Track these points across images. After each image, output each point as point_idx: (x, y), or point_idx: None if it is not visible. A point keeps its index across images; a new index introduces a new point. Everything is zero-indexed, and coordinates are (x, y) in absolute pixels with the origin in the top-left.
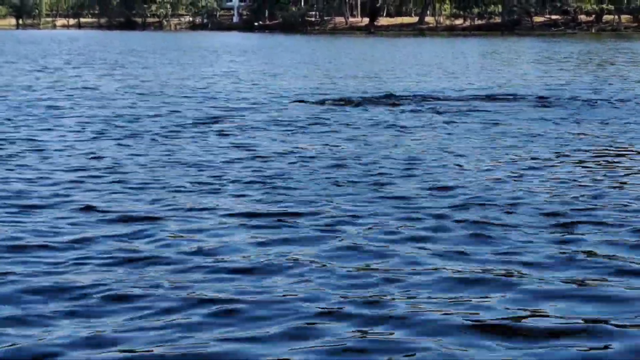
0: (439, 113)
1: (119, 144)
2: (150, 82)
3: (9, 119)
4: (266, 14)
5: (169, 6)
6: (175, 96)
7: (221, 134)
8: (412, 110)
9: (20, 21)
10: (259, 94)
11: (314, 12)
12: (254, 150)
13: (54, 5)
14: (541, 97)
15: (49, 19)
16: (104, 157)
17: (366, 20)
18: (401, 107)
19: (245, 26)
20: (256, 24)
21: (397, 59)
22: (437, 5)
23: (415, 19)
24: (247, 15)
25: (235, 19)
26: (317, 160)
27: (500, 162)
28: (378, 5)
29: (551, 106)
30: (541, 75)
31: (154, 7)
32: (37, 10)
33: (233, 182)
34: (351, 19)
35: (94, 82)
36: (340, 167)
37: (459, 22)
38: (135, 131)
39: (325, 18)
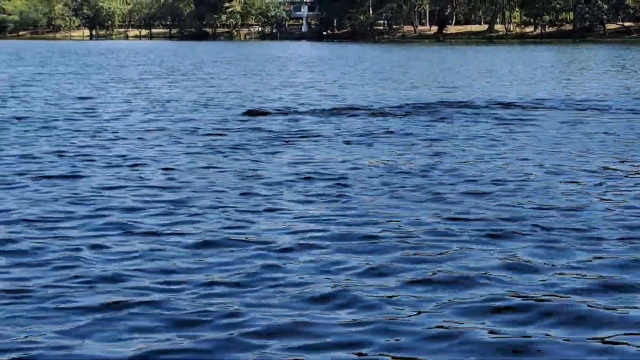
0: (521, 121)
1: (213, 155)
2: (233, 93)
3: (99, 132)
4: (335, 23)
5: (239, 16)
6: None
7: (309, 143)
8: (494, 118)
9: (94, 32)
10: (336, 102)
11: (382, 21)
12: (346, 159)
13: (126, 17)
14: (630, 110)
15: (122, 30)
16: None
17: (435, 28)
18: (482, 116)
19: (314, 36)
20: (325, 33)
21: (470, 67)
22: (507, 13)
23: (484, 27)
24: (316, 24)
25: (304, 29)
26: (414, 171)
27: (597, 176)
28: (447, 13)
29: None
30: (620, 84)
31: (224, 18)
32: (110, 22)
33: (319, 195)
34: (420, 27)
35: (176, 94)
36: (432, 179)
37: (529, 29)
38: (209, 145)
39: (394, 27)
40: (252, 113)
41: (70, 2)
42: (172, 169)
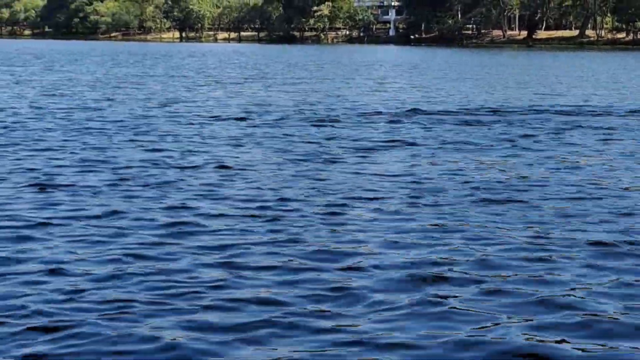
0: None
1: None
2: (330, 97)
3: (198, 136)
4: (422, 27)
5: (326, 20)
6: (367, 113)
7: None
8: (589, 127)
9: (184, 34)
10: (433, 105)
11: (470, 25)
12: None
13: (215, 19)
14: None
15: (211, 33)
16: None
17: (524, 33)
18: (578, 124)
19: (401, 39)
20: (412, 37)
21: (566, 74)
22: (599, 19)
23: (574, 33)
24: (403, 28)
25: (391, 32)
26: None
27: None
28: (537, 18)
29: None
30: None
31: (312, 21)
32: (199, 24)
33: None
34: (509, 32)
35: (273, 96)
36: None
37: (621, 35)
38: (306, 153)
39: (482, 31)
40: (324, 120)
41: (161, 5)
42: (271, 175)
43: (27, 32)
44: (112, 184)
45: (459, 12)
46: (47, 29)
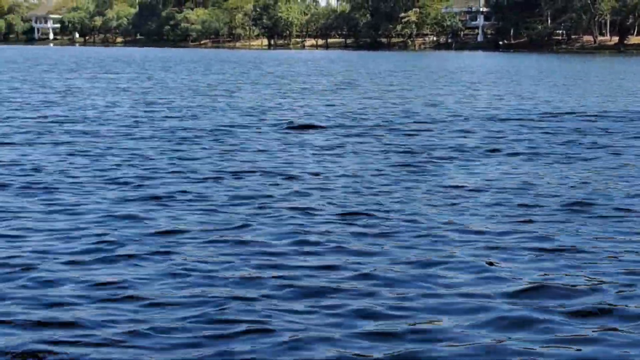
0: None
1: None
2: (424, 104)
3: (289, 143)
4: (511, 33)
5: (414, 26)
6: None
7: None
8: None
9: (272, 41)
10: (529, 112)
11: (560, 31)
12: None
13: (303, 27)
14: None
15: (298, 40)
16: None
17: (615, 39)
18: None
19: (489, 45)
20: (501, 42)
21: None
22: None
23: None
24: (492, 34)
25: (479, 38)
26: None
27: None
28: (629, 23)
29: None
30: None
31: (399, 27)
32: (287, 31)
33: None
34: (599, 38)
35: (365, 104)
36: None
37: None
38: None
39: (573, 37)
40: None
41: (250, 12)
42: (367, 183)
43: (119, 39)
44: (211, 193)
45: (549, 18)
46: (138, 37)
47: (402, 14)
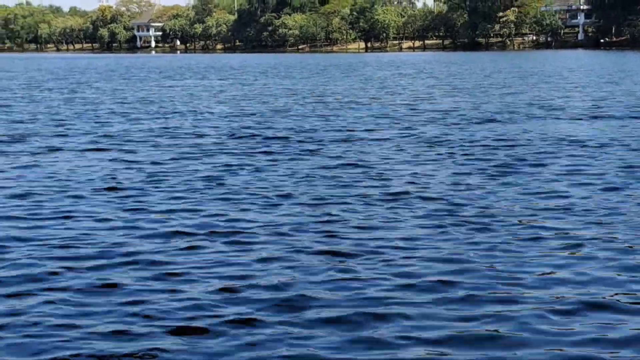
0: None
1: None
2: (531, 103)
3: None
4: (612, 31)
5: (512, 26)
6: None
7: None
8: None
9: (369, 44)
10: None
11: None
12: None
13: (400, 29)
14: None
15: (395, 42)
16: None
17: None
18: None
19: (590, 43)
20: (602, 40)
21: None
22: None
23: None
24: (593, 32)
25: (580, 37)
26: None
27: None
28: None
29: None
30: None
31: (497, 27)
32: (384, 34)
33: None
34: None
35: (477, 106)
36: None
37: None
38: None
39: None
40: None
41: (347, 16)
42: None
43: (219, 46)
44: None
45: None
46: (237, 43)
47: (501, 14)
